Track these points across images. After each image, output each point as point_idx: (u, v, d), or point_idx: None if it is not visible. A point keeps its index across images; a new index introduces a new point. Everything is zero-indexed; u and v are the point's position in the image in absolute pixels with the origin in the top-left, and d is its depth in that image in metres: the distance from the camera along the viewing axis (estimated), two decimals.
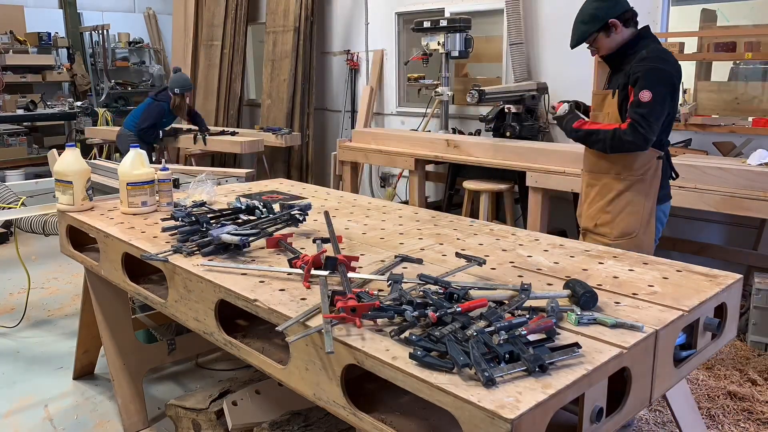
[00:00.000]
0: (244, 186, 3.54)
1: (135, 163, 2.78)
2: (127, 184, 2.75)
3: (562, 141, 5.47)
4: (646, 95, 2.65)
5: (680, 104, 4.48)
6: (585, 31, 2.87)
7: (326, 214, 2.48)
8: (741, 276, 1.97)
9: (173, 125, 6.75)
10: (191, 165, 6.47)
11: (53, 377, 3.39)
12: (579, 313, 1.62)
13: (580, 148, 3.05)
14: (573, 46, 3.00)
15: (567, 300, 1.70)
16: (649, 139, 2.67)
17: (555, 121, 3.04)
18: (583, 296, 1.67)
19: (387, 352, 1.46)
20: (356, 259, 1.99)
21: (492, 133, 5.34)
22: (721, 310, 1.89)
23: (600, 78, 3.04)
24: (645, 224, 2.81)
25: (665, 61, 2.73)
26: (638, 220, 2.79)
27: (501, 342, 1.41)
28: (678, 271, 2.01)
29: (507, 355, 1.37)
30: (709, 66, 4.92)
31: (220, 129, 7.07)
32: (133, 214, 2.76)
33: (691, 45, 4.52)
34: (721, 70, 4.86)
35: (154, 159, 5.91)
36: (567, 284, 1.75)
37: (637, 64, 2.73)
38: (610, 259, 2.14)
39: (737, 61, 4.59)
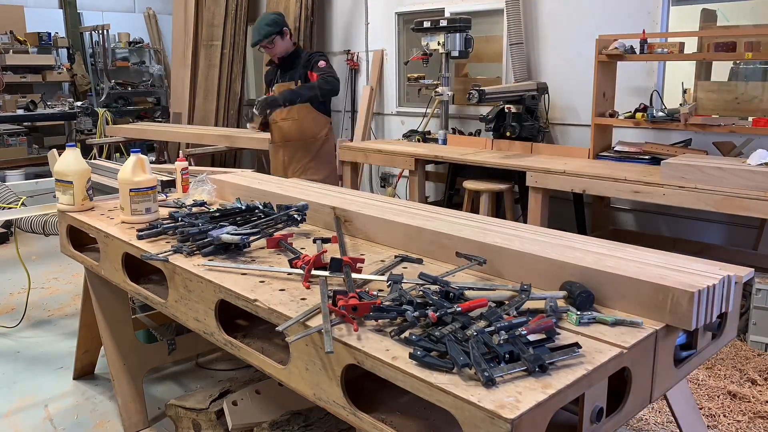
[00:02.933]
0: None
1: (136, 169, 2.63)
2: (130, 191, 2.59)
3: (562, 142, 5.47)
4: (322, 63, 4.18)
5: (680, 104, 4.49)
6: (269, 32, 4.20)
7: (337, 219, 2.48)
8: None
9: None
10: (191, 165, 6.47)
11: (53, 377, 3.39)
12: (578, 313, 1.62)
13: (579, 148, 3.05)
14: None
15: (563, 301, 1.71)
16: (337, 82, 4.21)
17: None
18: (579, 296, 1.67)
19: (387, 352, 1.46)
20: (362, 260, 1.98)
21: (492, 133, 5.34)
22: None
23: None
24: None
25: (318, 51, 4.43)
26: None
27: (501, 342, 1.41)
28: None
29: (507, 355, 1.37)
30: (709, 66, 4.92)
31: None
32: (137, 223, 2.60)
33: (691, 45, 4.52)
34: (721, 70, 4.86)
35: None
36: (564, 285, 1.75)
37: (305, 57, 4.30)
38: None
39: (737, 61, 4.59)
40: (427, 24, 5.64)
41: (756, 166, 3.63)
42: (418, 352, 1.40)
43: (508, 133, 5.13)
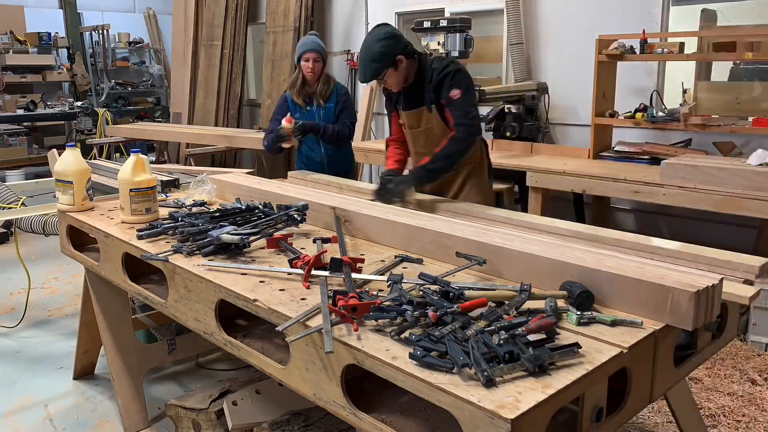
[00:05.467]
0: None
1: (136, 169, 2.61)
2: (130, 191, 2.58)
3: (562, 142, 5.47)
4: (457, 93, 2.95)
5: (680, 104, 4.49)
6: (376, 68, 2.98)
7: (337, 219, 2.48)
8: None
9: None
10: (191, 165, 6.47)
11: (53, 377, 3.39)
12: (578, 313, 1.62)
13: (579, 148, 3.06)
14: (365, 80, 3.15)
15: (563, 301, 1.70)
16: (478, 126, 3.00)
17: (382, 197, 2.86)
18: (579, 297, 1.67)
19: (387, 352, 1.46)
20: (362, 260, 1.98)
21: (492, 133, 5.34)
22: (721, 310, 1.88)
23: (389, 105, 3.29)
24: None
25: (451, 62, 3.03)
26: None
27: (501, 342, 1.41)
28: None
29: (507, 355, 1.37)
30: (709, 66, 4.92)
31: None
32: (137, 223, 2.60)
33: (691, 45, 4.52)
34: (721, 70, 4.86)
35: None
36: (564, 285, 1.75)
37: (436, 77, 3.00)
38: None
39: (737, 61, 4.59)
40: (427, 24, 5.64)
41: (756, 166, 3.63)
42: (418, 352, 1.40)
43: (508, 133, 5.13)
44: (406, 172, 3.22)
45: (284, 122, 3.51)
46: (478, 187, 3.19)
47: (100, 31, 10.15)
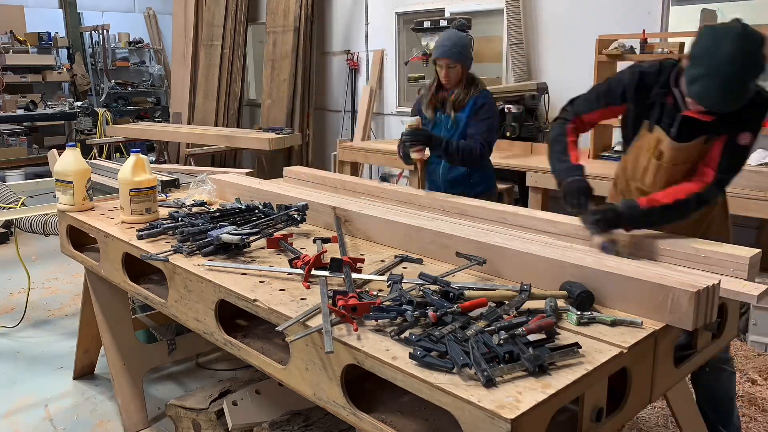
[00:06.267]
0: None
1: (136, 169, 2.61)
2: (130, 191, 2.58)
3: None
4: (746, 138, 2.10)
5: None
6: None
7: (337, 219, 2.48)
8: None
9: None
10: (191, 165, 6.47)
11: (53, 377, 3.39)
12: (578, 313, 1.62)
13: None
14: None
15: (563, 301, 1.71)
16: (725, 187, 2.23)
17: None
18: (579, 297, 1.67)
19: (387, 352, 1.46)
20: (362, 260, 1.99)
21: None
22: (721, 310, 1.88)
23: (632, 118, 2.31)
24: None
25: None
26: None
27: (501, 342, 1.41)
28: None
29: (507, 355, 1.37)
30: None
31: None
32: (137, 223, 2.60)
33: None
34: None
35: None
36: (564, 285, 1.75)
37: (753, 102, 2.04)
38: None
39: None
40: (427, 24, 5.65)
41: (756, 166, 3.63)
42: (418, 352, 1.40)
43: (508, 133, 5.13)
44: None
45: (410, 120, 2.93)
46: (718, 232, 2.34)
47: (100, 31, 10.15)
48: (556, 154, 2.34)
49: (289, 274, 1.99)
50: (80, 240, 2.90)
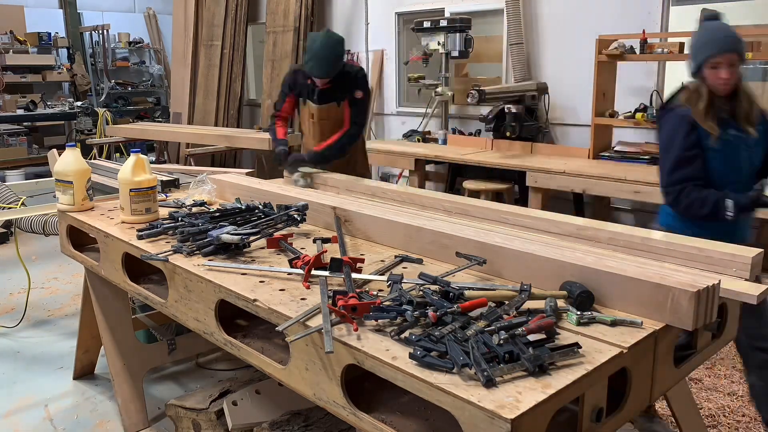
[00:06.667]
0: None
1: (136, 169, 2.61)
2: (130, 191, 2.58)
3: (562, 142, 5.47)
4: (359, 94, 3.61)
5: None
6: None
7: (337, 219, 2.48)
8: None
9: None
10: (191, 165, 6.47)
11: (53, 377, 3.39)
12: (578, 313, 1.62)
13: (579, 148, 3.05)
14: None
15: (563, 301, 1.70)
16: (364, 125, 3.79)
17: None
18: (579, 296, 1.67)
19: (387, 352, 1.46)
20: (362, 260, 1.99)
21: (492, 133, 5.35)
22: (721, 310, 1.88)
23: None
24: None
25: (360, 68, 3.74)
26: None
27: (501, 342, 1.41)
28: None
29: (507, 355, 1.37)
30: None
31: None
32: (137, 223, 2.60)
33: None
34: None
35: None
36: (564, 285, 1.75)
37: (351, 77, 3.65)
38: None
39: None
40: (427, 24, 5.65)
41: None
42: (418, 352, 1.40)
43: (508, 133, 5.13)
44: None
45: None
46: (362, 170, 3.85)
47: (100, 31, 10.15)
48: (271, 137, 3.79)
49: (289, 274, 1.99)
50: (80, 240, 2.91)
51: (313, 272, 1.93)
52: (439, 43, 5.63)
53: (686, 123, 2.34)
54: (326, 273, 1.91)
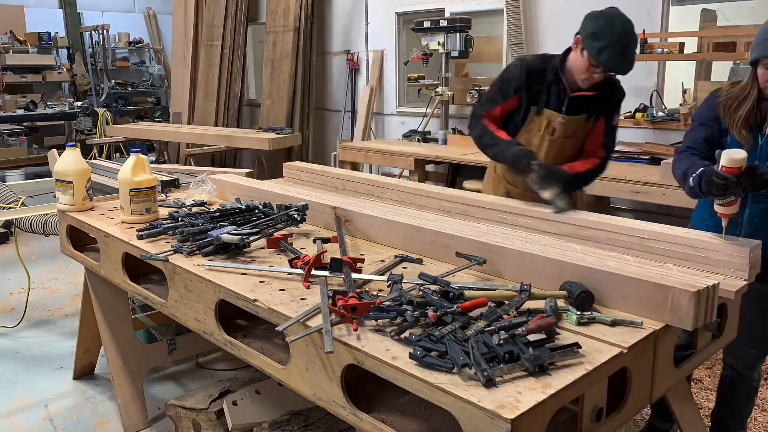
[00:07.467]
0: None
1: (136, 169, 2.61)
2: (130, 191, 2.58)
3: None
4: (617, 119, 2.72)
5: (680, 104, 4.49)
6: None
7: (337, 219, 2.48)
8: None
9: None
10: (191, 165, 6.47)
11: (53, 377, 3.39)
12: (578, 313, 1.62)
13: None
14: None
15: (563, 301, 1.71)
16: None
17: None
18: (579, 297, 1.67)
19: (387, 352, 1.46)
20: (362, 260, 1.99)
21: None
22: (721, 310, 1.89)
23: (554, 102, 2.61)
24: None
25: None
26: None
27: (501, 342, 1.41)
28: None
29: (507, 355, 1.37)
30: (709, 66, 4.92)
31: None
32: (137, 223, 2.60)
33: (691, 45, 4.52)
34: (721, 70, 4.86)
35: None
36: (564, 285, 1.75)
37: (616, 88, 2.67)
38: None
39: (737, 61, 4.59)
40: (427, 24, 5.65)
41: None
42: (418, 352, 1.40)
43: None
44: None
45: (726, 157, 1.88)
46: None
47: (100, 31, 10.15)
48: (489, 141, 2.64)
49: (289, 274, 1.99)
50: (80, 240, 2.91)
51: (313, 272, 1.93)
52: (439, 43, 5.62)
53: (712, 119, 2.25)
54: (326, 273, 1.91)
